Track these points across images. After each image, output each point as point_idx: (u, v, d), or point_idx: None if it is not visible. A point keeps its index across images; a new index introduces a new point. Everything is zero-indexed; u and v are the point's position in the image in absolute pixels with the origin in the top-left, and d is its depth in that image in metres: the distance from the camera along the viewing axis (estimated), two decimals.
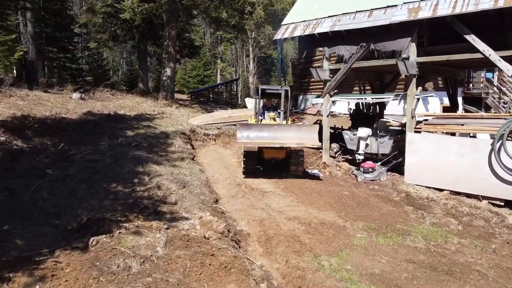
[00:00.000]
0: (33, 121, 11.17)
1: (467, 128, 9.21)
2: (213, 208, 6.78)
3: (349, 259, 5.67)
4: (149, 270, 4.15)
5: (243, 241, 6.48)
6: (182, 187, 7.21)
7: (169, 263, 4.41)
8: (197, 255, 4.64)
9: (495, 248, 6.35)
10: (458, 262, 5.72)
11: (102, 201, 6.14)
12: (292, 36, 11.81)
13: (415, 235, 6.73)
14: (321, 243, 6.24)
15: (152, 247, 4.60)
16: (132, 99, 21.00)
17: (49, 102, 14.95)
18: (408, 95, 9.94)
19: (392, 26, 9.66)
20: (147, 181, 7.15)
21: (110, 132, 11.02)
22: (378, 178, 10.44)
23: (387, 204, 8.65)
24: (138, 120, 14.01)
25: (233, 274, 4.45)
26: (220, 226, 5.69)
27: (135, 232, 4.92)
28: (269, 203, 8.46)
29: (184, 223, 5.81)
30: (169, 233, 5.09)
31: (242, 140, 9.60)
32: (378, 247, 6.17)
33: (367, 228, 7.00)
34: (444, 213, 7.97)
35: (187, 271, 4.33)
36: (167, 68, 20.63)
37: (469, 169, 9.05)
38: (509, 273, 5.43)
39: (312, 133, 9.83)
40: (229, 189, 9.50)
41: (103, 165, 7.72)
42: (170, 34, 20.04)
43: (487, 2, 8.24)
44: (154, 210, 6.18)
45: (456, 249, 6.30)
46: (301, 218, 7.43)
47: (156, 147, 10.16)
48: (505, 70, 8.44)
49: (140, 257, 4.30)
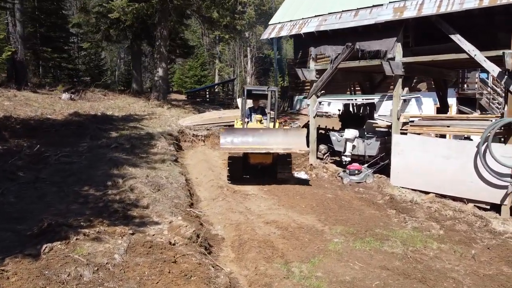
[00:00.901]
0: (15, 122, 11.02)
1: (453, 130, 9.04)
2: (186, 212, 6.61)
3: (321, 265, 5.50)
4: (102, 279, 3.98)
5: (216, 246, 6.33)
6: (156, 190, 7.04)
7: (125, 271, 4.24)
8: (157, 263, 4.47)
9: (475, 253, 6.17)
10: (434, 269, 5.54)
11: (70, 205, 5.97)
12: (278, 36, 11.65)
13: (394, 240, 6.55)
14: (295, 249, 6.07)
15: (110, 254, 4.43)
16: (124, 100, 20.85)
17: (36, 103, 14.79)
18: (393, 96, 9.77)
19: (378, 26, 9.49)
20: (120, 184, 6.99)
21: (92, 133, 10.86)
22: (364, 180, 10.26)
23: (370, 207, 8.48)
24: (125, 121, 13.86)
25: (192, 283, 4.28)
26: (188, 232, 5.53)
27: (95, 238, 4.75)
28: (249, 206, 8.30)
29: (152, 228, 5.64)
30: (132, 239, 4.92)
31: (225, 145, 9.23)
32: (353, 252, 5.99)
33: (345, 233, 6.83)
34: (427, 216, 7.79)
35: (144, 279, 4.16)
36: (159, 68, 20.48)
37: (456, 172, 8.87)
38: (486, 281, 5.25)
39: (299, 138, 9.52)
40: (211, 192, 9.34)
41: (78, 167, 7.56)
42: (162, 34, 19.88)
43: (472, 1, 8.07)
44: (123, 215, 6.01)
45: (435, 254, 6.12)
46: (279, 222, 7.26)
47: (138, 149, 10.00)
48: (490, 71, 8.27)
49: (95, 265, 4.14)
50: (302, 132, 9.85)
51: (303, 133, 9.76)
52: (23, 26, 17.22)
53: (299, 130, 10.19)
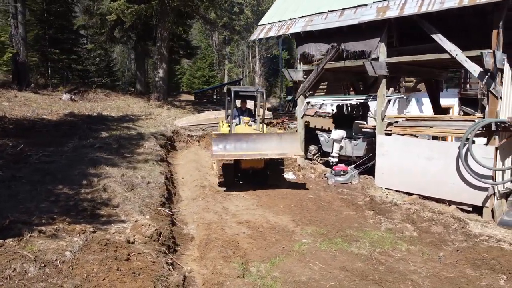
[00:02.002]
0: (8, 122, 11.29)
1: (435, 131, 8.93)
2: (156, 211, 6.68)
3: (281, 265, 5.51)
4: (46, 275, 4.07)
5: (183, 245, 6.40)
6: (129, 189, 7.14)
7: (74, 268, 4.33)
8: (108, 260, 4.55)
9: (442, 256, 6.11)
10: (396, 271, 5.50)
11: (40, 204, 6.10)
12: (267, 37, 11.66)
13: (363, 241, 6.53)
14: (259, 249, 6.10)
15: (62, 251, 4.53)
16: (125, 100, 21.14)
17: (35, 103, 15.12)
18: (378, 96, 9.70)
19: (362, 26, 9.44)
20: (95, 183, 7.11)
21: (82, 133, 11.05)
22: (349, 181, 10.21)
23: (349, 208, 8.44)
24: (120, 121, 14.05)
25: (139, 281, 4.34)
26: (150, 230, 5.60)
27: (51, 235, 4.86)
28: (227, 206, 8.36)
29: (115, 226, 5.74)
30: (90, 237, 5.01)
31: (218, 152, 8.89)
32: (317, 253, 5.98)
33: (315, 233, 6.83)
34: (403, 218, 7.72)
35: (90, 276, 4.24)
36: (160, 69, 20.73)
37: (438, 173, 8.76)
38: (445, 283, 5.20)
39: (294, 143, 9.32)
40: (193, 191, 9.43)
41: (57, 167, 7.71)
42: (162, 35, 20.12)
43: (452, 1, 7.97)
44: (91, 213, 6.12)
45: (401, 256, 6.07)
46: (252, 222, 7.30)
47: (124, 149, 10.14)
48: (471, 71, 8.15)
49: (42, 262, 4.23)
50: (296, 136, 9.66)
51: (298, 138, 9.60)
52: (25, 28, 17.60)
53: (293, 134, 9.91)
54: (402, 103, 20.50)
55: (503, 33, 10.48)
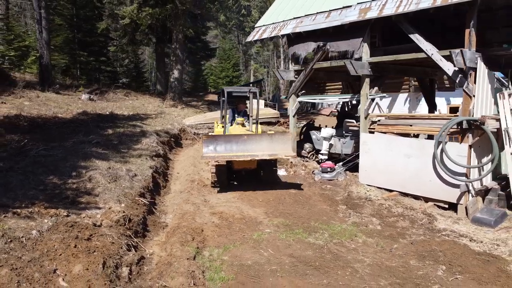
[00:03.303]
0: (24, 119, 12.28)
1: (414, 129, 9.09)
2: (133, 201, 7.28)
3: (233, 251, 5.97)
4: (10, 248, 4.72)
5: (155, 231, 6.98)
6: (113, 181, 7.79)
7: (37, 244, 4.96)
8: (69, 239, 5.15)
9: (395, 247, 6.37)
10: (342, 259, 5.83)
11: (28, 191, 6.83)
12: (261, 39, 12.08)
13: (323, 233, 6.88)
14: (220, 236, 6.59)
15: (30, 230, 5.19)
16: (143, 100, 22.15)
17: (54, 103, 16.21)
18: (361, 95, 9.93)
19: (345, 27, 9.71)
20: (83, 174, 7.82)
21: (87, 130, 11.89)
22: (336, 178, 10.50)
23: (325, 203, 8.76)
24: (129, 120, 14.88)
25: (91, 257, 4.92)
26: (117, 216, 6.20)
27: (25, 217, 5.54)
28: (209, 198, 8.88)
29: (90, 212, 6.38)
30: (59, 220, 5.66)
31: (208, 154, 8.93)
32: (273, 242, 6.39)
33: (280, 224, 7.23)
34: (372, 213, 7.98)
35: (49, 251, 4.86)
36: (175, 70, 21.57)
37: (417, 171, 8.93)
38: (383, 271, 5.49)
39: (285, 143, 9.26)
40: (183, 185, 10.03)
41: (52, 159, 8.49)
42: (177, 38, 20.94)
43: (427, 1, 8.15)
44: (72, 200, 6.80)
45: (355, 247, 6.38)
46: (225, 213, 7.78)
47: (123, 145, 10.87)
48: (445, 70, 8.26)
49: (9, 237, 4.89)
50: (287, 137, 9.56)
51: (289, 138, 9.51)
52: (48, 33, 18.85)
53: (284, 135, 9.81)
54: (412, 102, 20.40)
55: (493, 33, 10.56)
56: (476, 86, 7.98)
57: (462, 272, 5.43)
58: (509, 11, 10.29)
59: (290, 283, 5.04)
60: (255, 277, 5.20)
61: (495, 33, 10.93)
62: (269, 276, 5.21)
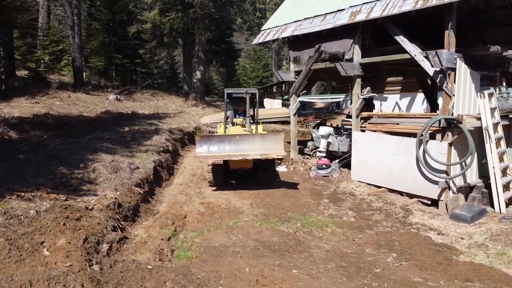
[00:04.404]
0: (51, 118, 13.58)
1: (401, 127, 9.39)
2: (129, 190, 8.13)
3: (206, 235, 6.65)
4: (9, 224, 5.65)
5: (145, 217, 7.79)
6: (114, 172, 8.69)
7: (32, 221, 5.87)
8: (60, 218, 6.03)
9: (360, 237, 6.81)
10: (304, 245, 6.36)
11: (38, 179, 7.85)
12: (264, 41, 12.68)
13: (296, 222, 7.40)
14: (199, 222, 7.29)
15: (29, 210, 6.12)
16: (167, 100, 23.33)
17: (82, 103, 17.59)
18: (353, 95, 10.32)
19: (338, 29, 10.14)
20: (89, 166, 8.78)
21: (105, 128, 12.99)
22: (330, 174, 10.93)
23: (310, 197, 9.25)
24: (147, 118, 15.94)
25: (76, 233, 5.75)
26: (108, 201, 7.06)
27: (27, 199, 6.50)
28: (204, 191, 9.61)
29: (86, 198, 7.28)
30: (56, 203, 6.58)
31: (201, 154, 9.24)
32: (246, 229, 7.00)
33: (260, 214, 7.82)
34: (351, 206, 8.41)
35: (41, 227, 5.73)
36: (197, 72, 22.59)
37: (402, 168, 9.24)
38: (336, 256, 5.97)
39: (276, 143, 9.42)
40: (185, 178, 10.83)
41: (66, 153, 9.53)
42: (199, 40, 21.94)
43: (409, 5, 8.47)
44: (75, 188, 7.74)
45: (321, 236, 6.88)
46: (213, 203, 8.47)
47: (134, 141, 11.84)
48: (427, 70, 8.52)
49: (10, 215, 5.84)
50: (279, 137, 9.66)
51: (280, 138, 9.59)
52: (80, 38, 20.38)
53: (276, 135, 9.91)
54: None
55: (492, 32, 10.65)
56: (456, 86, 8.21)
57: (409, 259, 5.83)
58: (507, 11, 10.37)
59: (246, 263, 5.64)
60: (217, 256, 5.85)
61: (494, 32, 10.98)
62: (230, 256, 5.84)
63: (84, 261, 5.11)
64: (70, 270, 4.80)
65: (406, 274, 5.38)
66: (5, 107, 13.82)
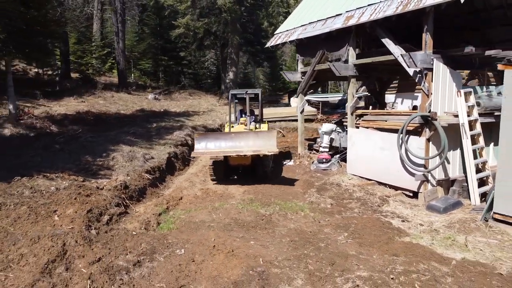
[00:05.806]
0: (91, 115, 15.53)
1: (388, 124, 9.99)
2: (139, 175, 9.54)
3: (192, 213, 7.84)
4: (33, 195, 7.20)
5: (150, 198, 9.11)
6: (129, 160, 10.16)
7: (52, 195, 7.39)
8: (74, 194, 7.49)
9: (327, 220, 7.64)
10: (273, 224, 7.29)
11: (66, 164, 9.50)
12: (275, 44, 13.64)
13: (275, 206, 8.36)
14: (191, 203, 8.50)
15: (50, 186, 7.67)
16: (202, 99, 24.92)
17: (123, 102, 19.60)
18: (348, 94, 11.04)
19: (334, 33, 10.92)
20: (110, 155, 10.34)
21: (134, 124, 14.66)
22: (329, 168, 11.71)
23: (301, 187, 10.14)
24: (176, 116, 17.51)
25: (83, 205, 7.16)
26: (116, 183, 8.48)
27: (51, 178, 8.08)
28: (209, 180, 10.83)
29: (100, 180, 8.77)
30: (74, 182, 8.10)
31: (198, 150, 9.90)
32: (229, 209, 8.09)
33: (247, 199, 8.87)
34: (332, 195, 9.20)
35: (58, 200, 7.23)
36: (230, 72, 23.95)
37: (388, 162, 9.85)
38: (293, 233, 6.83)
39: (269, 140, 9.91)
40: (196, 169, 12.14)
41: (94, 144, 11.18)
42: (232, 43, 23.29)
43: (391, 9, 9.10)
44: (94, 172, 9.29)
45: (293, 218, 7.79)
46: (211, 189, 9.66)
47: (158, 135, 13.36)
48: (408, 70, 9.08)
49: (35, 190, 7.41)
50: (272, 134, 10.12)
51: (273, 135, 10.05)
52: (124, 43, 22.53)
53: (269, 132, 10.47)
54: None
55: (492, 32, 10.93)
56: (434, 85, 8.74)
57: (356, 238, 6.63)
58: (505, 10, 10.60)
59: (215, 234, 6.73)
60: (193, 229, 7.01)
61: (493, 32, 11.19)
62: (204, 229, 6.97)
63: (84, 226, 6.49)
64: (70, 231, 6.18)
65: (346, 248, 6.20)
66: (55, 105, 15.99)
